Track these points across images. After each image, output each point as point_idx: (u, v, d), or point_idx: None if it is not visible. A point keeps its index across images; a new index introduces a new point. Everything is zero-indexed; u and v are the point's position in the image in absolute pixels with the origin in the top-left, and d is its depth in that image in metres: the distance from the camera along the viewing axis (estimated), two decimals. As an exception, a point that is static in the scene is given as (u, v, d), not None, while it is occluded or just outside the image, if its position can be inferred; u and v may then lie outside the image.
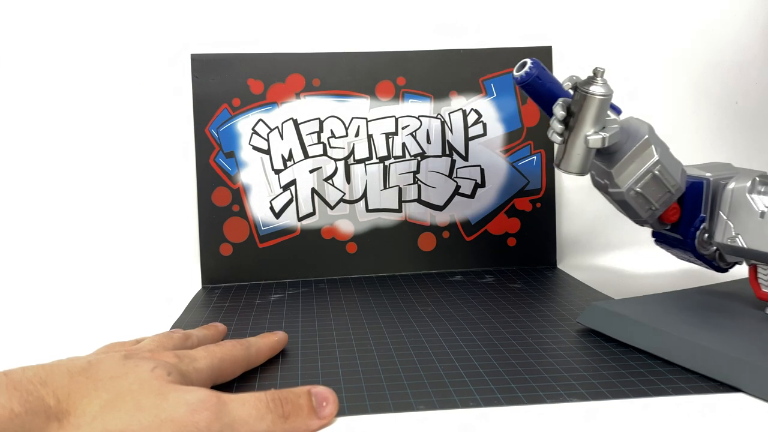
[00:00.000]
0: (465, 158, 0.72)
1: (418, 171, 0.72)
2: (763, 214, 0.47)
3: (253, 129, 0.70)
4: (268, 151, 0.70)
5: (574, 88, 0.48)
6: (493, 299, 0.60)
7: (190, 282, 0.70)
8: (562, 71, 0.74)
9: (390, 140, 0.72)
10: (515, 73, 0.49)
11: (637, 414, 0.37)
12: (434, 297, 0.62)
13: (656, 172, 0.50)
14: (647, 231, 0.56)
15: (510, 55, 0.72)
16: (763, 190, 0.48)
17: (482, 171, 0.72)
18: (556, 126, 0.49)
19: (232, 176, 0.70)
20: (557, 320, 0.54)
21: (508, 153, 0.73)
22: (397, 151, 0.72)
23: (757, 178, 0.49)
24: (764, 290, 0.49)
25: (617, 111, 0.50)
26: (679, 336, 0.44)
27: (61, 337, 0.55)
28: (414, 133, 0.72)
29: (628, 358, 0.45)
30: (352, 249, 0.71)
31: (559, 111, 0.48)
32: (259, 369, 0.45)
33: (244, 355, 0.43)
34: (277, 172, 0.71)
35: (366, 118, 0.71)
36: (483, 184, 0.73)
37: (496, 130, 0.72)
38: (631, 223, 0.54)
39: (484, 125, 0.72)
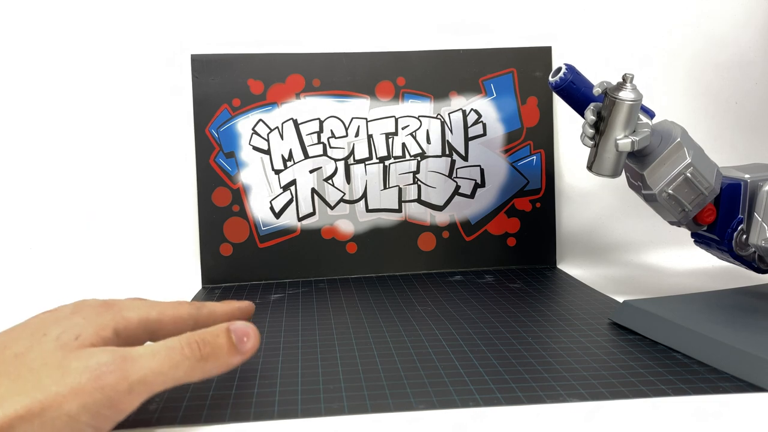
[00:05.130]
0: (465, 158, 0.72)
1: (418, 171, 0.72)
2: None
3: (253, 129, 0.70)
4: (268, 152, 0.71)
5: (605, 93, 0.49)
6: (493, 299, 0.60)
7: (190, 282, 0.70)
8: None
9: (390, 140, 0.72)
10: (551, 79, 0.51)
11: (642, 414, 0.37)
12: (434, 297, 0.62)
13: (688, 174, 0.50)
14: (647, 231, 0.56)
15: (510, 55, 0.73)
16: None
17: (482, 171, 0.72)
18: (588, 130, 0.50)
19: (232, 176, 0.70)
20: (557, 320, 0.54)
21: (508, 153, 0.73)
22: (397, 151, 0.72)
23: None
24: None
25: (650, 114, 0.51)
26: (707, 335, 0.44)
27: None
28: (414, 133, 0.72)
29: (628, 358, 0.45)
30: (352, 249, 0.71)
31: (589, 116, 0.50)
32: (258, 369, 0.45)
33: (192, 314, 0.41)
34: (277, 172, 0.71)
35: (366, 119, 0.71)
36: (483, 184, 0.73)
37: (496, 130, 0.73)
38: (631, 224, 0.54)
39: (484, 125, 0.72)
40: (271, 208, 0.71)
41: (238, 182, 0.70)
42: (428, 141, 0.72)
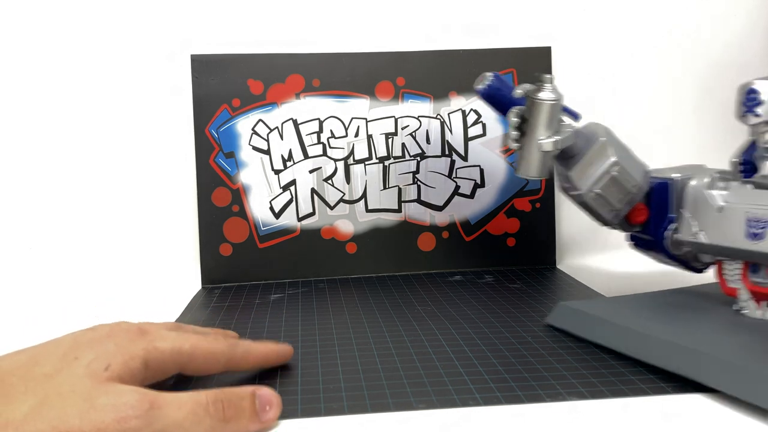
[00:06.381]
0: (464, 158, 0.72)
1: (417, 171, 0.72)
2: (720, 209, 0.48)
3: (252, 129, 0.70)
4: (268, 152, 0.71)
5: (526, 95, 0.50)
6: (493, 299, 0.60)
7: (190, 282, 0.70)
8: (562, 71, 0.74)
9: (390, 140, 0.72)
10: (477, 86, 0.53)
11: (629, 414, 0.37)
12: (434, 297, 0.62)
13: (614, 173, 0.51)
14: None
15: (510, 55, 0.73)
16: (721, 185, 0.49)
17: (482, 171, 0.72)
18: (512, 132, 0.51)
19: (232, 176, 0.70)
20: (557, 320, 0.54)
21: (508, 153, 0.73)
22: (397, 152, 0.72)
23: (717, 174, 0.50)
24: (731, 285, 0.49)
25: (575, 116, 0.52)
26: (643, 333, 0.44)
27: (61, 337, 0.55)
28: (413, 134, 0.72)
29: (621, 359, 0.45)
30: (352, 249, 0.71)
31: (513, 118, 0.50)
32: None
33: (225, 352, 0.40)
34: (277, 172, 0.71)
35: (366, 119, 0.71)
36: (482, 184, 0.73)
37: (496, 130, 0.73)
38: (630, 223, 0.54)
39: (484, 125, 0.72)
40: (271, 208, 0.71)
41: (238, 182, 0.70)
42: (428, 141, 0.72)
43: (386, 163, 0.72)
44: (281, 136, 0.71)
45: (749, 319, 0.47)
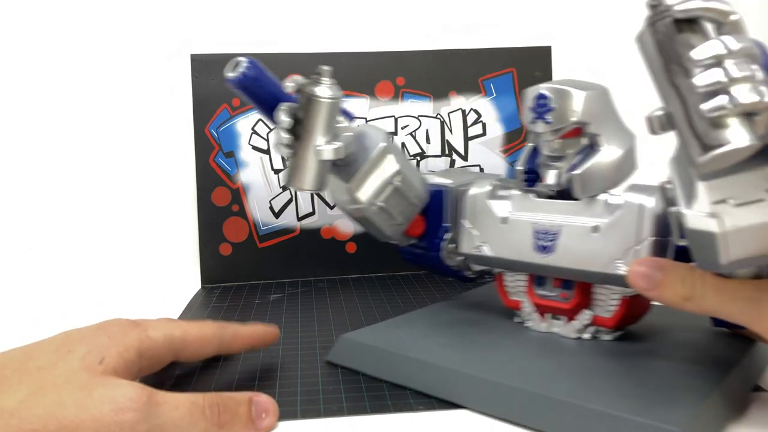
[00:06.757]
0: (464, 158, 0.72)
1: (417, 171, 0.72)
2: (504, 219, 0.45)
3: (252, 129, 0.70)
4: (267, 151, 0.70)
5: (298, 90, 0.42)
6: (493, 299, 0.60)
7: (190, 282, 0.70)
8: (562, 71, 0.74)
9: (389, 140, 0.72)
10: (228, 74, 0.42)
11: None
12: (434, 297, 0.62)
13: (397, 183, 0.46)
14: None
15: (509, 55, 0.72)
16: (502, 194, 0.46)
17: (481, 171, 0.72)
18: (283, 136, 0.42)
19: (231, 176, 0.70)
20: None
21: (508, 153, 0.73)
22: (397, 151, 0.72)
23: (497, 182, 0.47)
24: (513, 298, 0.47)
25: (349, 116, 0.46)
26: (436, 365, 0.40)
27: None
28: (413, 133, 0.72)
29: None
30: (352, 249, 0.71)
31: (284, 118, 0.41)
32: (258, 368, 0.45)
33: (216, 333, 0.41)
34: (277, 171, 0.71)
35: (365, 118, 0.71)
36: (482, 184, 0.73)
37: (496, 130, 0.72)
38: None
39: (484, 125, 0.72)
40: (271, 208, 0.71)
41: (238, 182, 0.70)
42: (428, 141, 0.72)
43: (386, 162, 0.72)
44: (281, 136, 0.70)
45: (536, 333, 0.45)
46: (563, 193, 0.43)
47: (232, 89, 0.42)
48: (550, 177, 0.43)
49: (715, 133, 0.27)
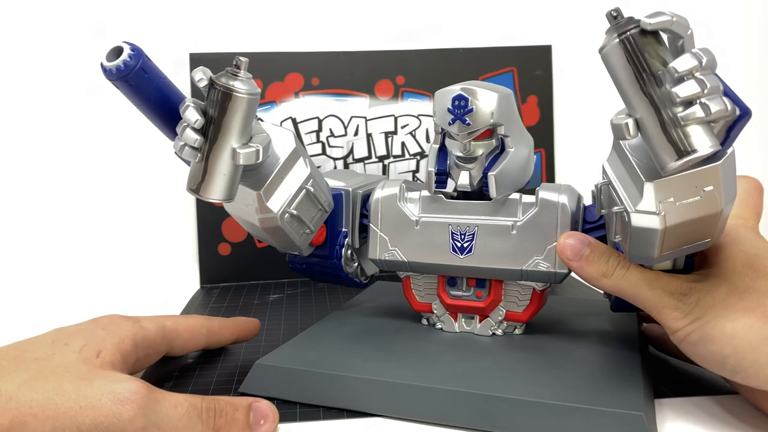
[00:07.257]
0: (464, 158, 0.72)
1: (417, 170, 0.72)
2: (417, 222, 0.44)
3: (252, 128, 0.70)
4: (267, 151, 0.70)
5: (211, 84, 0.36)
6: (493, 300, 0.60)
7: (189, 282, 0.70)
8: (562, 71, 0.74)
9: (389, 139, 0.72)
10: (106, 63, 0.36)
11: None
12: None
13: (309, 188, 0.43)
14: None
15: (510, 54, 0.72)
16: (410, 197, 0.45)
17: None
18: (191, 136, 0.36)
19: (230, 175, 0.70)
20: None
21: (508, 152, 0.72)
22: (397, 151, 0.72)
23: (404, 185, 0.45)
24: (423, 301, 0.46)
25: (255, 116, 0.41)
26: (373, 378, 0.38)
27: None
28: (413, 132, 0.72)
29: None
30: (351, 248, 0.71)
31: (194, 116, 0.35)
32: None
33: (204, 324, 0.44)
34: (276, 171, 0.70)
35: (365, 117, 0.71)
36: (482, 184, 0.72)
37: (496, 129, 0.72)
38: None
39: (484, 125, 0.72)
40: (270, 208, 0.70)
41: (237, 181, 0.70)
42: (428, 140, 0.72)
43: (386, 162, 0.72)
44: (280, 135, 0.70)
45: (450, 335, 0.45)
46: (472, 194, 0.43)
47: (110, 81, 0.36)
48: (463, 178, 0.42)
49: (689, 139, 0.29)
